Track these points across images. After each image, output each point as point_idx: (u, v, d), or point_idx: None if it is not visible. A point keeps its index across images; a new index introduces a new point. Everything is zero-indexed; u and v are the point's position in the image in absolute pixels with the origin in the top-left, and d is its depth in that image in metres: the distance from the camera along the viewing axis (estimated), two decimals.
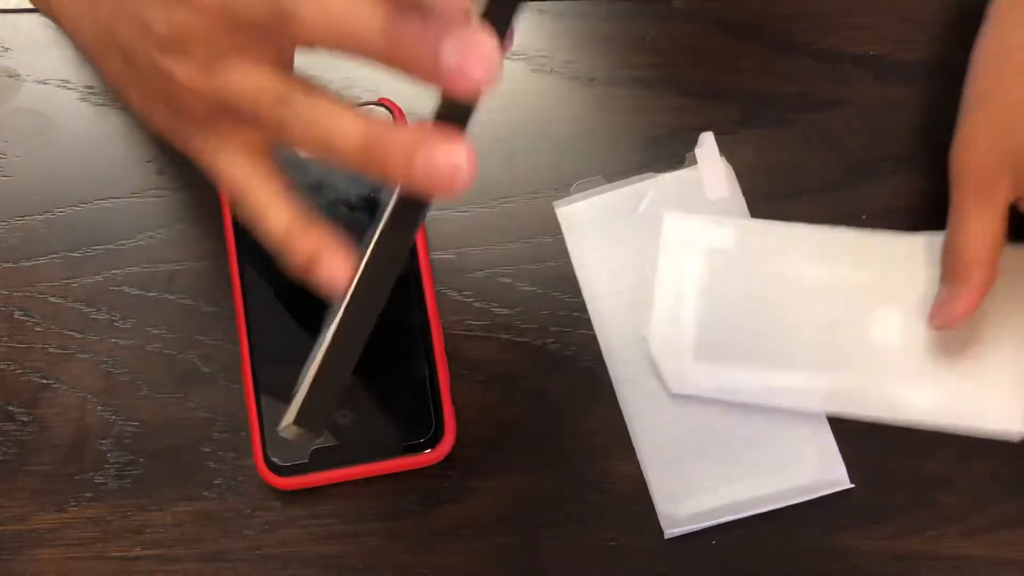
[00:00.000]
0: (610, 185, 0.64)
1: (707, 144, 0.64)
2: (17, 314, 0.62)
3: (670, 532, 0.59)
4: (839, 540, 0.60)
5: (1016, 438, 0.59)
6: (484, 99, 0.43)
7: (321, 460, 0.59)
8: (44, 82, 0.65)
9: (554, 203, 0.63)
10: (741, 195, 0.64)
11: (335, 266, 0.46)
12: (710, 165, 0.64)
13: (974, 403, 0.59)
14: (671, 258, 0.62)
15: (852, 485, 0.60)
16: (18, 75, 0.65)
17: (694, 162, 0.64)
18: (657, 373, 0.61)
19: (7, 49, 0.66)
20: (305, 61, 0.66)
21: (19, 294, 0.63)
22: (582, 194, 0.63)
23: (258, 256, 0.61)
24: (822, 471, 0.60)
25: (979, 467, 0.60)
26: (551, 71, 0.65)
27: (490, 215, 0.64)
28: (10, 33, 0.66)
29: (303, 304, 0.61)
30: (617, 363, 0.62)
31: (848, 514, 0.60)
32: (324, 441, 0.59)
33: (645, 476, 0.60)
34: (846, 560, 0.59)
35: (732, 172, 0.64)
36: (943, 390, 0.60)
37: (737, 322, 0.61)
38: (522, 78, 0.65)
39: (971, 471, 0.60)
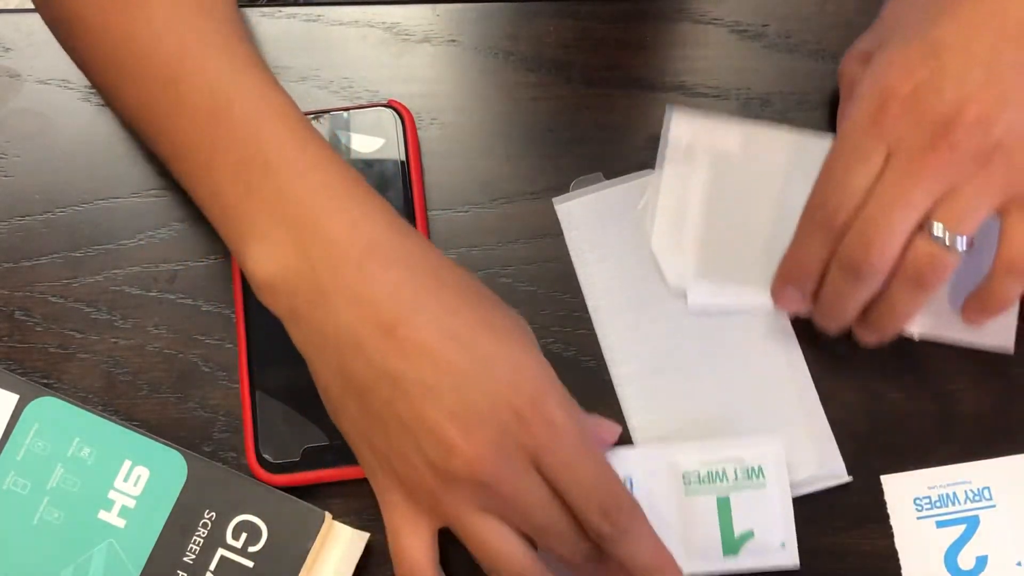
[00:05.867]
0: (609, 182, 0.64)
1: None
2: (17, 314, 0.62)
3: None
4: (839, 540, 0.59)
5: (1009, 352, 0.61)
6: None
7: (312, 459, 0.59)
8: (45, 82, 0.65)
9: (553, 200, 0.64)
10: None
11: None
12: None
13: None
14: (676, 159, 0.63)
15: (851, 478, 0.60)
16: (19, 75, 0.65)
17: None
18: (657, 270, 0.62)
19: (8, 49, 0.66)
20: (305, 61, 0.66)
21: (19, 294, 0.63)
22: (581, 191, 0.64)
23: None
24: (821, 465, 0.60)
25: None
26: (550, 71, 0.65)
27: (490, 215, 0.64)
28: (11, 33, 0.66)
29: None
30: (617, 360, 0.62)
31: (848, 514, 0.60)
32: (316, 440, 0.59)
33: None
34: (846, 560, 0.59)
35: None
36: (941, 305, 0.60)
37: (739, 233, 0.62)
38: (521, 78, 0.65)
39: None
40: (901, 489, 0.60)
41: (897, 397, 0.61)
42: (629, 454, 0.59)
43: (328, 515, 0.58)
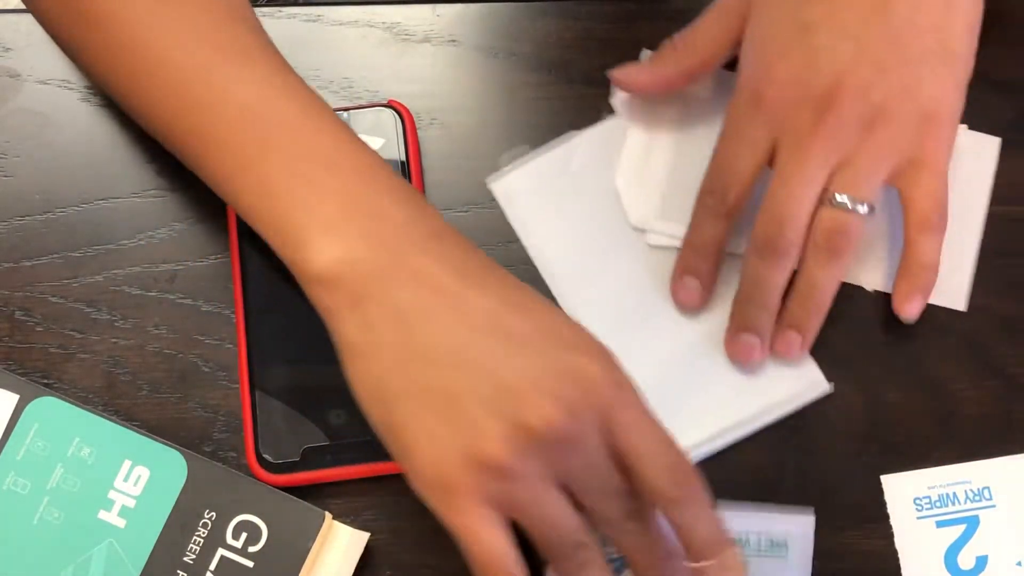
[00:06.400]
0: (539, 150, 0.64)
1: (620, 93, 0.64)
2: (17, 314, 0.62)
3: None
4: (839, 540, 0.60)
5: (962, 310, 0.61)
6: None
7: (312, 459, 0.59)
8: (45, 82, 0.65)
9: (487, 179, 0.64)
10: None
11: None
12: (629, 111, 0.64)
13: None
14: (646, 100, 0.64)
15: (831, 387, 0.61)
16: (19, 75, 0.65)
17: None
18: (620, 205, 0.63)
19: (8, 49, 0.66)
20: (305, 61, 0.66)
21: (19, 294, 0.63)
22: (513, 164, 0.64)
23: (259, 256, 0.61)
24: (799, 379, 0.61)
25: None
26: (551, 71, 0.65)
27: (490, 215, 0.64)
28: (11, 33, 0.66)
29: (303, 304, 0.61)
30: (581, 320, 0.62)
31: (848, 514, 0.60)
32: (316, 440, 0.60)
33: None
34: (846, 560, 0.59)
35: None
36: (894, 260, 0.61)
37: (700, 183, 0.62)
38: (522, 78, 0.65)
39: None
40: (901, 489, 0.60)
41: (897, 397, 0.61)
42: None
43: (328, 515, 0.58)
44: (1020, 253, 0.63)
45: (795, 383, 0.61)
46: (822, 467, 0.60)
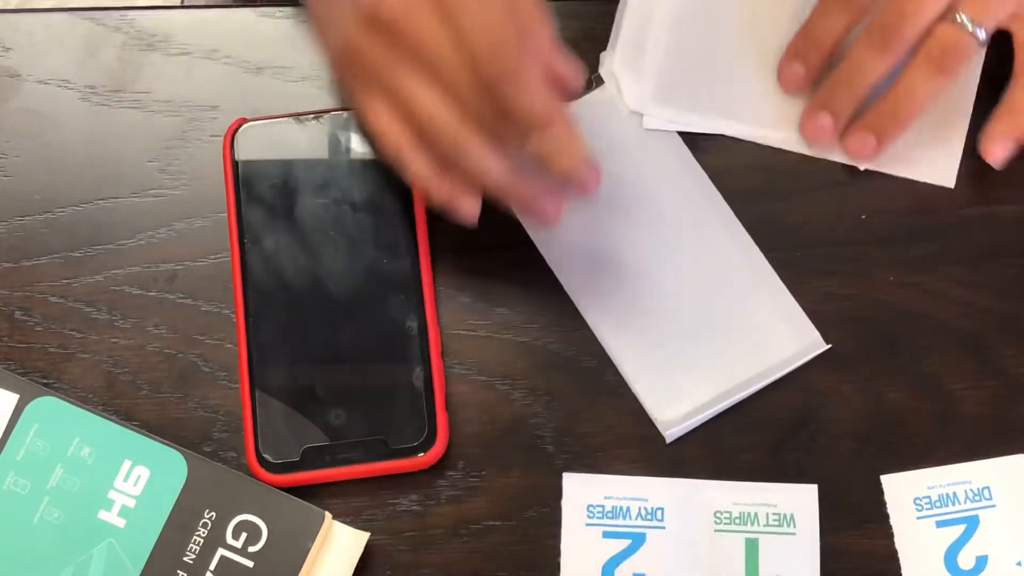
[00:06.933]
0: None
1: (607, 63, 0.65)
2: (17, 314, 0.62)
3: (669, 434, 0.60)
4: (839, 540, 0.60)
5: (949, 187, 0.62)
6: None
7: (312, 459, 0.59)
8: (44, 82, 0.65)
9: None
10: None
11: (467, 206, 0.57)
12: (614, 81, 0.65)
13: (914, 153, 0.62)
14: None
15: (829, 346, 0.61)
16: (18, 75, 0.65)
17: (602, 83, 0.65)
18: (616, 89, 0.64)
19: (7, 49, 0.66)
20: (305, 61, 0.66)
21: (19, 294, 0.63)
22: None
23: (259, 256, 0.61)
24: (797, 339, 0.61)
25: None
26: None
27: (490, 214, 0.64)
28: (10, 33, 0.66)
29: (303, 304, 0.61)
30: (581, 292, 0.62)
31: (848, 514, 0.60)
32: (316, 440, 0.60)
33: (632, 390, 0.61)
34: (846, 560, 0.59)
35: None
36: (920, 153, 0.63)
37: (701, 60, 0.63)
38: None
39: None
40: (901, 489, 0.60)
41: (897, 397, 0.61)
42: (663, 484, 0.60)
43: (328, 515, 0.58)
44: (1020, 253, 0.63)
45: (795, 343, 0.61)
46: (822, 467, 0.60)
